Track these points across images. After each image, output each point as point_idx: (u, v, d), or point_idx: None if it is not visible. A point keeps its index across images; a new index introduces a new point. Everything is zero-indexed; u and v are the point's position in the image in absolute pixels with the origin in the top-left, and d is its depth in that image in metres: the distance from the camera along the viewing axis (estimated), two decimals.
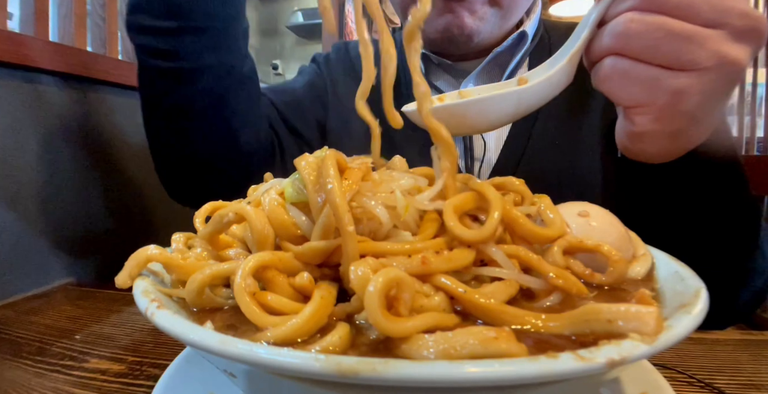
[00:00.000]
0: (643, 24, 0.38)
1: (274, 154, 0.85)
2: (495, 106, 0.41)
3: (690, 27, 0.37)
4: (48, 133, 0.92)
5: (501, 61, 0.83)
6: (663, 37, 0.38)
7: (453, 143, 0.34)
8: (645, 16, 0.38)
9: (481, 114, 0.40)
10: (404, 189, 0.32)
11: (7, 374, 0.50)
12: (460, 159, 0.81)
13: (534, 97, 0.42)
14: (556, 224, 0.33)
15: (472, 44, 0.78)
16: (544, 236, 0.32)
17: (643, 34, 0.38)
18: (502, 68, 0.83)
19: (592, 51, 0.42)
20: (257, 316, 0.26)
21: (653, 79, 0.39)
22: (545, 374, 0.19)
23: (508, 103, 0.41)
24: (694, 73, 0.38)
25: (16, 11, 0.90)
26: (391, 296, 0.24)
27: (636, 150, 0.45)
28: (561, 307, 0.28)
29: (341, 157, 0.31)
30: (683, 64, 0.38)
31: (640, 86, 0.40)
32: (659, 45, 0.38)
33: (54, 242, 0.92)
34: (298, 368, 0.20)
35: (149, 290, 0.29)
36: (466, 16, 0.74)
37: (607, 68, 0.40)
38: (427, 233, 0.30)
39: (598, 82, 0.42)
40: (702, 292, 0.27)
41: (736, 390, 0.44)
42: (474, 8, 0.74)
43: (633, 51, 0.39)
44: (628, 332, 0.22)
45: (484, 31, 0.77)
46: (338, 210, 0.27)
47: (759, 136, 2.15)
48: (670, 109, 0.40)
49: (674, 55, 0.38)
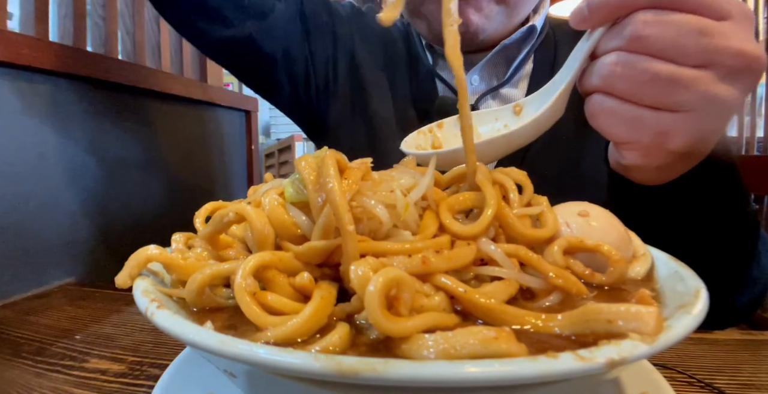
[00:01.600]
0: (627, 67, 0.37)
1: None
2: (487, 150, 0.43)
3: (676, 69, 0.36)
4: (48, 134, 0.92)
5: (507, 54, 0.82)
6: (648, 80, 0.37)
7: None
8: (630, 58, 0.37)
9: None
10: (404, 188, 0.32)
11: (7, 374, 0.50)
12: None
13: (524, 137, 0.43)
14: (548, 225, 0.33)
15: (477, 41, 0.78)
16: (533, 237, 0.32)
17: (628, 77, 0.37)
18: (508, 62, 0.82)
19: (582, 84, 0.42)
20: (257, 316, 0.26)
21: (638, 119, 0.38)
22: (545, 374, 0.19)
23: (499, 145, 0.43)
24: (680, 114, 0.37)
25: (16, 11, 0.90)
26: (391, 296, 0.24)
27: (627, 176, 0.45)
28: (561, 307, 0.28)
29: (341, 157, 0.31)
30: (669, 105, 0.37)
31: (626, 125, 0.39)
32: (644, 88, 0.37)
33: (54, 242, 0.91)
34: (298, 368, 0.20)
35: (149, 290, 0.29)
36: (471, 13, 0.74)
37: (595, 105, 0.40)
38: (428, 232, 0.30)
39: (587, 116, 0.42)
40: (702, 292, 0.27)
41: (736, 390, 0.44)
42: (480, 5, 0.74)
43: (618, 92, 0.39)
44: (628, 332, 0.22)
45: (489, 29, 0.76)
46: (338, 210, 0.27)
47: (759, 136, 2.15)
48: (657, 147, 0.40)
49: (660, 97, 0.37)
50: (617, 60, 0.38)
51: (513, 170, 0.39)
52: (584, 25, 0.41)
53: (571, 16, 0.41)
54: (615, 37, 0.38)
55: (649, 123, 0.38)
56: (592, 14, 0.39)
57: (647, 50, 0.37)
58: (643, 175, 0.44)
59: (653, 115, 0.38)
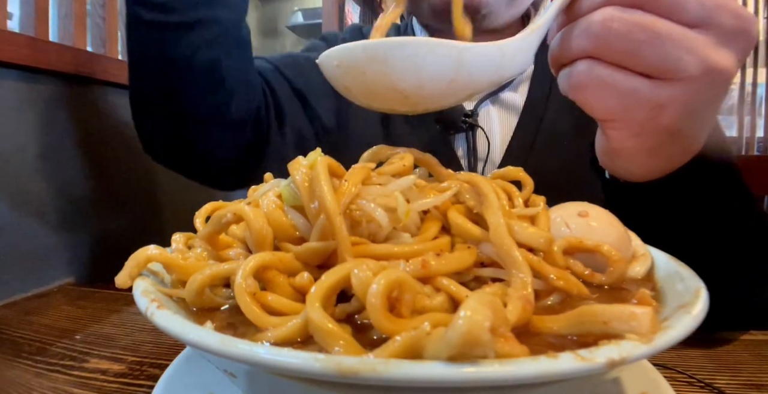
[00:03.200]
0: (625, 23, 0.33)
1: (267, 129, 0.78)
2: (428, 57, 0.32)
3: (677, 28, 0.33)
4: (48, 134, 0.91)
5: None
6: (647, 40, 0.33)
7: None
8: (627, 13, 0.33)
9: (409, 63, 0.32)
10: (404, 188, 0.32)
11: (7, 374, 0.50)
12: (463, 159, 0.79)
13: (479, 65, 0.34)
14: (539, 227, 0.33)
15: (478, 17, 0.71)
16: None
17: (625, 35, 0.33)
18: None
19: (561, 51, 0.37)
20: (258, 316, 0.26)
21: (633, 91, 0.34)
22: (545, 374, 0.19)
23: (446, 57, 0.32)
24: (678, 84, 0.34)
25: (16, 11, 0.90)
26: (392, 298, 0.24)
27: (615, 168, 0.41)
28: (561, 307, 0.28)
29: (333, 162, 0.31)
30: (667, 72, 0.34)
31: (618, 99, 0.35)
32: (642, 49, 0.33)
33: (54, 242, 0.91)
34: (298, 368, 0.20)
35: (149, 290, 0.29)
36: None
37: (582, 75, 0.35)
38: (428, 234, 0.30)
39: (569, 90, 0.37)
40: (702, 292, 0.27)
41: (736, 390, 0.44)
42: None
43: (612, 56, 0.34)
44: (624, 333, 0.22)
45: (492, 3, 0.70)
46: (333, 222, 0.27)
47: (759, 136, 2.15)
48: (650, 123, 0.36)
49: (658, 61, 0.33)
50: (613, 14, 0.33)
51: (511, 169, 0.39)
52: None
53: None
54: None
55: (644, 95, 0.34)
56: None
57: (644, 3, 0.33)
58: (633, 163, 0.40)
59: (649, 85, 0.34)
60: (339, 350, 0.22)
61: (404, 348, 0.21)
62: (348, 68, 0.34)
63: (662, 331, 0.22)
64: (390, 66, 0.32)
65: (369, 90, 0.34)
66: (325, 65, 0.36)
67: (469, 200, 0.33)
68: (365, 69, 0.33)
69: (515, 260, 0.27)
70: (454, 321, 0.19)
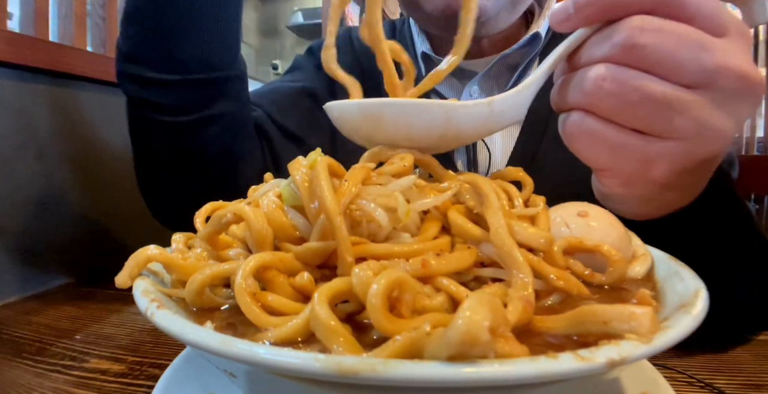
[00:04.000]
0: (617, 83, 0.32)
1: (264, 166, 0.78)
2: (418, 116, 0.34)
3: (672, 90, 0.32)
4: (48, 134, 0.91)
5: (509, 62, 0.75)
6: (638, 101, 0.32)
7: None
8: (620, 72, 0.33)
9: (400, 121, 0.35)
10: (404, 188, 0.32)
11: (7, 374, 0.50)
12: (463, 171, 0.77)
13: (468, 122, 0.35)
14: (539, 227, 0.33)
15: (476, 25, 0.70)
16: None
17: (617, 95, 0.33)
18: (511, 70, 0.76)
19: (559, 98, 0.37)
20: (258, 316, 0.26)
21: (622, 145, 0.34)
22: (545, 374, 0.19)
23: (435, 116, 0.34)
24: (669, 142, 0.33)
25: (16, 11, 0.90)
26: (393, 298, 0.24)
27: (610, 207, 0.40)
28: (561, 307, 0.28)
29: (333, 163, 0.31)
30: (658, 131, 0.33)
31: (608, 151, 0.35)
32: (634, 109, 0.33)
33: (54, 242, 0.91)
34: (298, 368, 0.20)
35: (149, 290, 0.29)
36: None
37: (573, 126, 0.36)
38: (428, 234, 0.30)
39: (563, 137, 0.37)
40: (702, 292, 0.27)
41: (736, 390, 0.44)
42: None
43: (602, 112, 0.34)
44: (624, 333, 0.22)
45: (491, 10, 0.67)
46: (333, 222, 0.27)
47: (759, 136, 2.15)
48: (639, 176, 0.36)
49: (649, 121, 0.33)
50: (606, 73, 0.33)
51: (510, 170, 0.39)
52: (566, 25, 0.35)
53: (551, 15, 0.36)
54: (603, 43, 0.33)
55: (633, 150, 0.34)
56: (579, 12, 0.34)
57: (641, 63, 0.32)
58: (626, 208, 0.40)
59: (639, 141, 0.34)
60: (339, 349, 0.22)
61: (404, 348, 0.21)
62: (345, 121, 0.38)
63: (662, 331, 0.22)
64: (383, 122, 0.35)
65: (367, 139, 0.37)
66: (329, 114, 0.39)
67: (469, 200, 0.33)
68: (360, 123, 0.36)
69: (516, 261, 0.27)
70: (454, 321, 0.19)
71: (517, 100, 0.37)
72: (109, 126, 1.06)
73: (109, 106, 1.06)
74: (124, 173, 1.11)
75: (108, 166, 1.06)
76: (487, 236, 0.29)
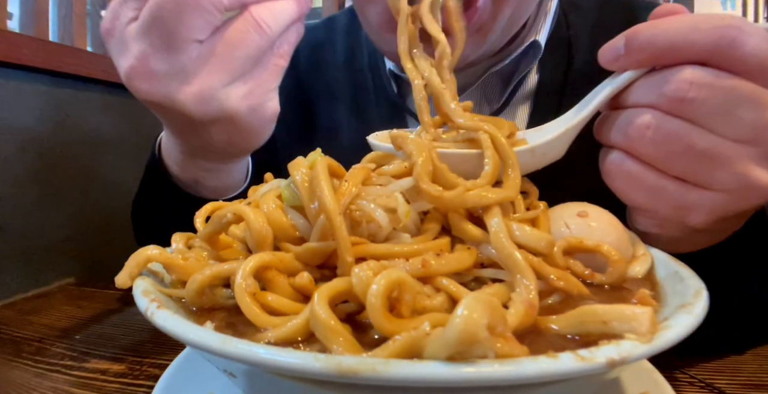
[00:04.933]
0: (661, 133, 0.32)
1: None
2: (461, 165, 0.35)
3: (715, 144, 0.31)
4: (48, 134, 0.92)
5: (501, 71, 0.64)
6: (681, 152, 0.32)
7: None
8: (665, 122, 0.32)
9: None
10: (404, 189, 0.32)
11: (7, 374, 0.50)
12: None
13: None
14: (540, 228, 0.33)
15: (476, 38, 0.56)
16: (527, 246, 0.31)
17: (659, 144, 0.32)
18: (504, 81, 0.66)
19: (601, 134, 0.37)
20: (258, 316, 0.26)
21: (660, 189, 0.34)
22: (545, 374, 0.19)
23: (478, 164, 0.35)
24: (708, 192, 0.33)
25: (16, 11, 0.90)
26: (393, 298, 0.24)
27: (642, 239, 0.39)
28: (561, 307, 0.28)
29: (333, 163, 0.31)
30: (698, 182, 0.33)
31: (645, 193, 0.35)
32: (674, 159, 0.32)
33: (54, 242, 0.92)
34: (298, 368, 0.20)
35: (149, 290, 0.29)
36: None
37: (612, 165, 0.36)
38: (428, 235, 0.30)
39: (602, 172, 0.37)
40: (702, 292, 0.27)
41: (737, 390, 0.44)
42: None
43: (643, 157, 0.34)
44: (623, 332, 0.22)
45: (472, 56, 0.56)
46: (333, 222, 0.27)
47: None
48: (675, 220, 0.35)
49: (689, 170, 0.32)
50: (650, 122, 0.32)
51: None
52: (616, 65, 0.35)
53: (601, 52, 0.35)
54: (652, 90, 0.33)
55: (671, 196, 0.34)
56: (631, 55, 0.33)
57: (688, 115, 0.31)
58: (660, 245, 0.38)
59: (678, 188, 0.33)
60: (339, 349, 0.22)
61: (404, 348, 0.21)
62: None
63: (662, 331, 0.22)
64: None
65: None
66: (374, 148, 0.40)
67: None
68: None
69: (517, 263, 0.27)
70: (452, 320, 0.19)
71: (558, 143, 0.38)
72: (109, 126, 1.06)
73: (109, 106, 1.06)
74: (124, 173, 1.11)
75: (108, 167, 1.06)
76: (487, 236, 0.29)
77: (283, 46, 0.44)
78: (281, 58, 0.45)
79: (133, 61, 0.41)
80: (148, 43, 0.40)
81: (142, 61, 0.41)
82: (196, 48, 0.40)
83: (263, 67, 0.43)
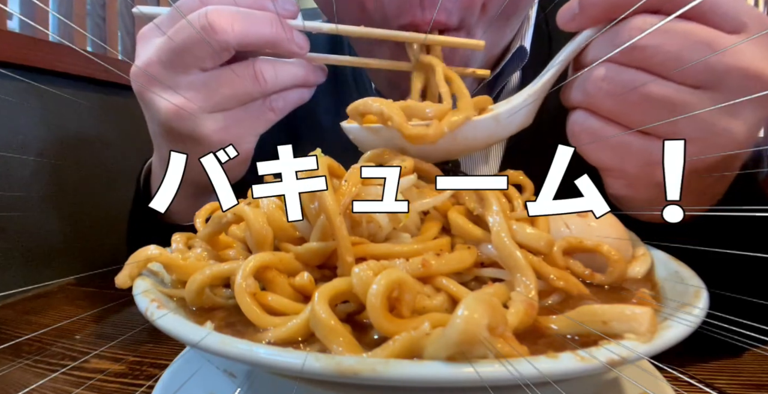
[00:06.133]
0: (615, 84, 0.32)
1: None
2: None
3: (673, 91, 0.31)
4: (48, 134, 0.92)
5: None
6: (639, 102, 0.31)
7: None
8: (620, 73, 0.32)
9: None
10: (404, 188, 0.32)
11: (7, 374, 0.50)
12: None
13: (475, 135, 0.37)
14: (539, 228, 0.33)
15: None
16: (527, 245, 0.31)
17: (616, 97, 0.32)
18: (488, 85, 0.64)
19: (565, 97, 0.36)
20: (258, 316, 0.26)
21: (623, 145, 0.33)
22: (545, 374, 0.19)
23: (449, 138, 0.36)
24: None
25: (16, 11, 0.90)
26: (393, 298, 0.24)
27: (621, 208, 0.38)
28: (561, 307, 0.28)
29: (333, 163, 0.32)
30: (661, 133, 0.32)
31: (610, 150, 0.34)
32: (633, 110, 0.32)
33: (54, 242, 0.91)
34: (298, 368, 0.20)
35: (149, 290, 0.29)
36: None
37: (575, 125, 0.35)
38: (428, 234, 0.30)
39: (568, 135, 0.36)
40: (702, 292, 0.27)
41: (737, 390, 0.44)
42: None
43: (603, 112, 0.33)
44: (623, 332, 0.22)
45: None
46: (333, 222, 0.27)
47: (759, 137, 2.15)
48: (644, 178, 0.34)
49: (650, 121, 0.32)
50: (606, 74, 0.32)
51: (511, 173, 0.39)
52: (573, 24, 0.35)
53: (559, 14, 0.35)
54: (606, 44, 0.33)
55: (636, 151, 0.33)
56: (584, 12, 0.33)
57: (642, 63, 0.31)
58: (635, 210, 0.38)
59: (642, 142, 0.33)
60: (339, 349, 0.22)
61: (404, 348, 0.21)
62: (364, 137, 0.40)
63: (662, 331, 0.22)
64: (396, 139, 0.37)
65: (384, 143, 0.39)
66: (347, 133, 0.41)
67: (469, 201, 0.33)
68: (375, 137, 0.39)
69: (518, 263, 0.27)
70: (452, 320, 0.19)
71: (523, 109, 0.38)
72: (109, 126, 1.06)
73: (109, 106, 1.06)
74: (124, 173, 1.11)
75: (108, 166, 1.06)
76: (487, 236, 0.29)
77: (278, 101, 0.46)
78: (272, 112, 0.46)
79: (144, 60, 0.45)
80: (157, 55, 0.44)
81: (149, 64, 0.44)
82: (197, 73, 0.44)
83: (248, 112, 0.45)
